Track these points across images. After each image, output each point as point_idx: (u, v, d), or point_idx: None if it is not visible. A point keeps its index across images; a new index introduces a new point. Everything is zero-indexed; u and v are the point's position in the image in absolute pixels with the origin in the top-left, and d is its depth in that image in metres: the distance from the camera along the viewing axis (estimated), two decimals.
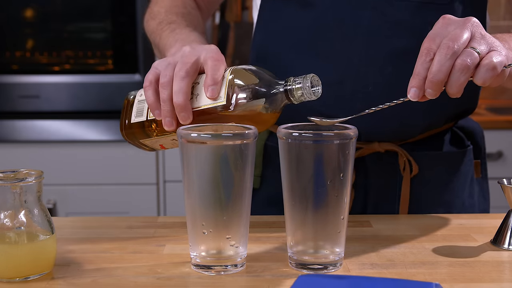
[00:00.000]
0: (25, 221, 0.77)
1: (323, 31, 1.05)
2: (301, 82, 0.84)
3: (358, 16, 1.03)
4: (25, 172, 0.78)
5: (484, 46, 0.80)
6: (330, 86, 1.04)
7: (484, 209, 1.21)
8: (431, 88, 0.79)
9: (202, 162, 0.77)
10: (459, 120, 1.17)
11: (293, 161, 0.78)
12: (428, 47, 0.80)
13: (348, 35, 1.04)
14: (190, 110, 0.86)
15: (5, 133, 2.32)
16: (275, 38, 1.09)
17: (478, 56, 0.79)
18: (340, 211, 0.78)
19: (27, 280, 0.77)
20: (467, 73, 0.78)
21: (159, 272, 0.80)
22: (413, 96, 0.81)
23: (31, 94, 2.34)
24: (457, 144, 1.16)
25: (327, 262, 0.80)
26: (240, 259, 0.80)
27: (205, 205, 0.78)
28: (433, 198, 1.13)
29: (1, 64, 2.36)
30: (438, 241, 0.91)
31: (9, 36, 2.37)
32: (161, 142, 0.93)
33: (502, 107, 2.87)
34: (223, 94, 0.85)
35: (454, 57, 0.78)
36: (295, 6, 1.07)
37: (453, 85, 0.79)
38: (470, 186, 1.17)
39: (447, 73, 0.79)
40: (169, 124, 0.88)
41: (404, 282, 0.73)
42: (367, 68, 1.04)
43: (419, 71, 0.80)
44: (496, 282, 0.77)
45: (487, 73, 0.78)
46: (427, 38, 0.82)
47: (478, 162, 1.19)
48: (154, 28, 1.11)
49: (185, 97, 0.86)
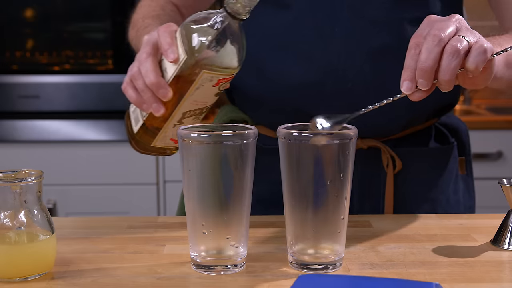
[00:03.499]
0: (25, 221, 0.77)
1: (301, 32, 1.05)
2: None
3: (335, 16, 1.04)
4: (25, 172, 0.78)
5: (471, 36, 0.80)
6: (311, 86, 1.04)
7: (469, 206, 1.21)
8: (422, 77, 0.79)
9: (202, 162, 0.77)
10: (442, 116, 1.17)
11: (293, 161, 0.78)
12: (416, 41, 0.80)
13: (326, 35, 1.04)
14: (165, 85, 0.87)
15: (5, 133, 2.32)
16: (254, 40, 1.09)
17: (468, 43, 0.79)
18: (340, 211, 0.78)
19: (27, 280, 0.77)
20: (458, 58, 0.78)
21: (159, 272, 0.80)
22: (406, 89, 0.80)
23: (31, 94, 2.34)
24: (441, 141, 1.17)
25: (327, 262, 0.80)
26: (240, 259, 0.80)
27: (205, 205, 0.78)
28: (417, 194, 1.13)
29: (1, 64, 2.36)
30: (438, 241, 0.91)
31: (9, 36, 2.37)
32: (168, 135, 0.93)
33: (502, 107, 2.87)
34: (182, 51, 0.85)
35: (442, 43, 0.78)
36: (272, 7, 1.07)
37: (445, 70, 0.78)
38: (455, 182, 1.17)
39: (436, 59, 0.78)
40: (157, 109, 0.88)
41: (404, 282, 0.73)
42: (346, 67, 1.04)
43: (409, 63, 0.80)
44: (496, 282, 0.77)
45: (479, 56, 0.78)
46: (414, 35, 0.81)
47: (462, 159, 1.20)
48: (133, 35, 1.13)
49: (154, 74, 0.87)
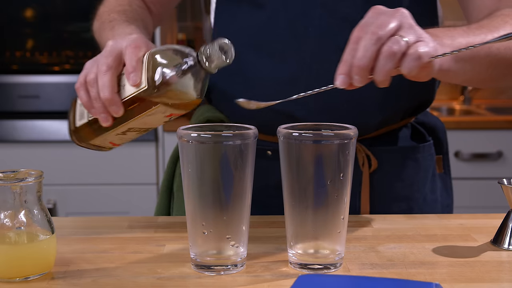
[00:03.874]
0: (25, 221, 0.77)
1: (275, 31, 1.06)
2: (210, 47, 0.84)
3: (308, 15, 1.04)
4: (25, 172, 0.78)
5: (412, 35, 0.79)
6: (284, 84, 1.05)
7: (447, 204, 1.21)
8: (357, 74, 0.78)
9: (202, 162, 0.77)
10: (418, 114, 1.16)
11: (293, 161, 0.78)
12: (357, 35, 0.80)
13: (299, 34, 1.04)
14: (119, 102, 0.87)
15: (5, 133, 2.32)
16: (230, 39, 1.10)
17: (406, 44, 0.78)
18: (340, 211, 0.78)
19: (27, 280, 0.77)
20: (393, 60, 0.77)
21: (159, 272, 0.80)
22: (340, 83, 0.79)
23: (31, 94, 2.35)
24: (418, 139, 1.16)
25: (327, 262, 0.80)
26: (240, 259, 0.80)
27: (205, 205, 0.78)
28: (393, 193, 1.13)
29: (1, 64, 2.37)
30: (438, 241, 0.91)
31: (9, 36, 2.37)
32: (109, 139, 0.94)
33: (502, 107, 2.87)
34: (144, 79, 0.85)
35: (379, 43, 0.77)
36: (248, 6, 1.07)
37: (380, 71, 0.78)
38: (431, 181, 1.17)
39: (371, 58, 0.77)
40: (105, 120, 0.88)
41: (404, 282, 0.73)
42: (319, 65, 1.04)
43: (346, 58, 0.79)
44: (496, 282, 0.77)
45: (413, 62, 0.77)
46: (357, 27, 0.81)
47: (440, 157, 1.19)
48: (97, 28, 1.13)
49: (110, 90, 0.86)
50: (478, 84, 1.05)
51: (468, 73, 0.93)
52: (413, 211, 1.13)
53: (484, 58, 0.93)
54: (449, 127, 2.53)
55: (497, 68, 0.96)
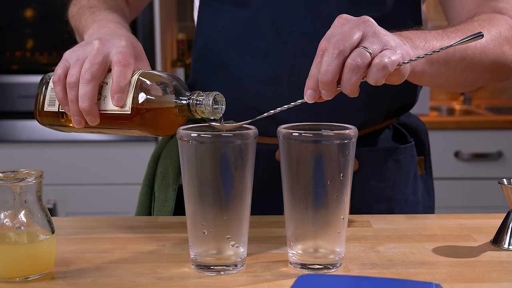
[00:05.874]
0: (25, 221, 0.77)
1: (258, 30, 1.05)
2: (203, 98, 0.83)
3: (292, 15, 1.04)
4: (25, 172, 0.78)
5: (376, 45, 0.78)
6: (267, 84, 1.04)
7: (428, 205, 1.20)
8: (323, 89, 0.78)
9: (202, 162, 0.77)
10: (400, 116, 1.16)
11: (293, 161, 0.78)
12: (322, 47, 0.79)
13: (282, 33, 1.04)
14: (96, 113, 0.85)
15: (5, 133, 2.32)
16: (214, 37, 1.09)
17: (370, 55, 0.77)
18: (340, 211, 0.78)
19: (27, 280, 0.77)
20: (358, 73, 0.77)
21: (159, 272, 0.80)
22: (309, 98, 0.79)
23: (31, 94, 2.34)
24: (399, 140, 1.16)
25: (327, 262, 0.80)
26: (240, 259, 0.80)
27: (205, 205, 0.78)
28: (375, 193, 1.12)
29: (1, 64, 2.37)
30: (438, 241, 0.91)
31: (9, 36, 2.37)
32: (75, 131, 0.93)
33: (502, 107, 2.88)
34: (129, 104, 0.84)
35: (341, 56, 0.77)
36: (231, 5, 1.07)
37: (346, 85, 0.77)
38: (413, 182, 1.17)
39: (335, 72, 0.77)
40: (78, 122, 0.87)
41: (404, 282, 0.73)
42: (302, 65, 1.03)
43: (313, 72, 0.79)
44: (496, 282, 0.77)
45: (378, 73, 0.76)
46: (323, 38, 0.80)
47: (421, 158, 1.19)
48: (75, 12, 1.10)
49: (90, 101, 0.84)
50: (454, 88, 1.05)
51: (443, 75, 0.93)
52: (394, 212, 1.13)
53: (459, 62, 0.93)
54: (449, 127, 2.54)
55: (472, 72, 0.97)
